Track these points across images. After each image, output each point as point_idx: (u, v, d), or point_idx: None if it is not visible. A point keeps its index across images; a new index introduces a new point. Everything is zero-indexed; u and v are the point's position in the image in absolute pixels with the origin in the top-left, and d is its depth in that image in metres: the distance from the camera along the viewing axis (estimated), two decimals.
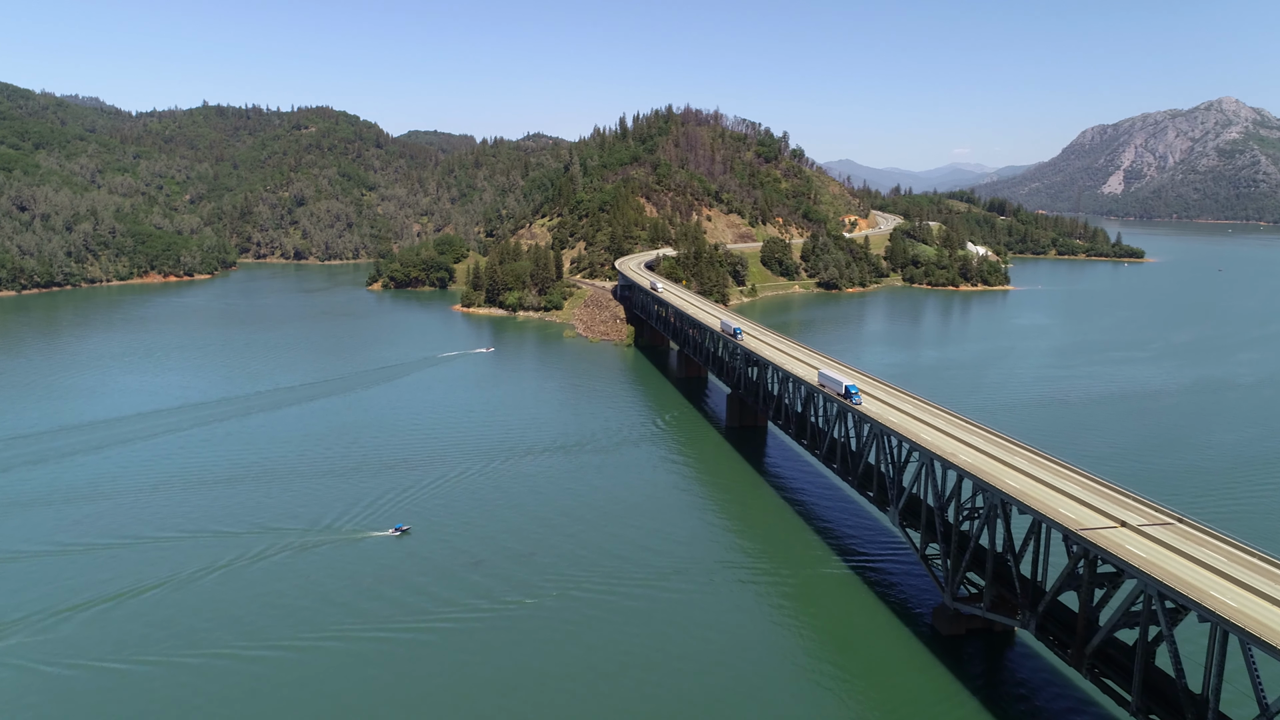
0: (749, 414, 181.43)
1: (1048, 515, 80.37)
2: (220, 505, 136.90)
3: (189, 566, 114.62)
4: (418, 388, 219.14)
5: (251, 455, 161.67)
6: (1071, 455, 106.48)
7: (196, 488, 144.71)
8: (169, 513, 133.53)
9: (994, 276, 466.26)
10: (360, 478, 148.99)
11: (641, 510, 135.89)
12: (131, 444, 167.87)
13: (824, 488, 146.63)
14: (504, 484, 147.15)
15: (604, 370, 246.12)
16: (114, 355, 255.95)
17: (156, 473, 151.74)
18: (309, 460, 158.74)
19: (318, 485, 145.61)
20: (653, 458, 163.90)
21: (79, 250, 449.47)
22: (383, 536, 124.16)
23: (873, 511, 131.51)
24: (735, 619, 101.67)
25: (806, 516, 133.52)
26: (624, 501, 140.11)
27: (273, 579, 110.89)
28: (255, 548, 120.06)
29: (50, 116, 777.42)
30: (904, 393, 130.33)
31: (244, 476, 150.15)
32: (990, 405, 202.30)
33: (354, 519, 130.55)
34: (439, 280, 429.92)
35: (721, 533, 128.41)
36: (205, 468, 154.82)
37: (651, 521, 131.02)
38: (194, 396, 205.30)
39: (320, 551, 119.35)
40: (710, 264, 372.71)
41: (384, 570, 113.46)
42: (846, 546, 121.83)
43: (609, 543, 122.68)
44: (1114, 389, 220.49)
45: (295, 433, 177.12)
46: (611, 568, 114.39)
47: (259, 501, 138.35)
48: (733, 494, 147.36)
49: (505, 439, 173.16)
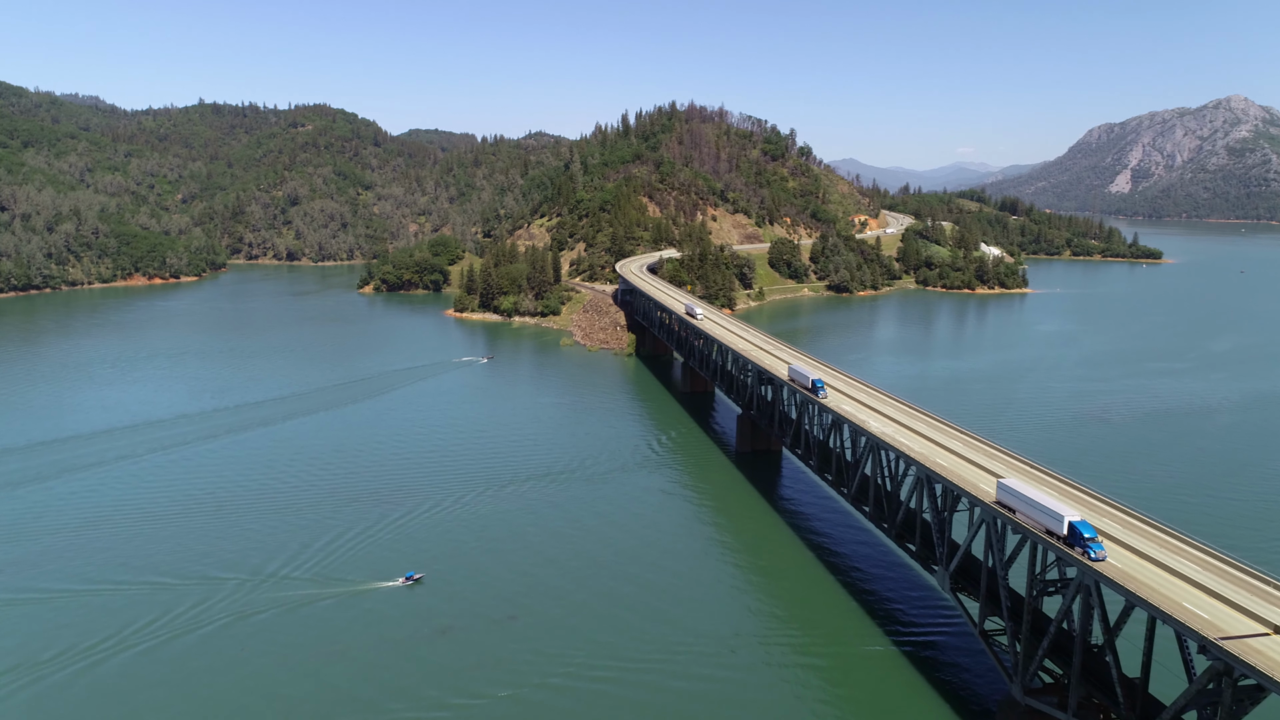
0: (762, 437, 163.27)
1: (1172, 615, 61.78)
2: (167, 547, 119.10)
3: (134, 622, 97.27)
4: (398, 404, 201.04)
5: (204, 485, 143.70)
6: (1131, 489, 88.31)
7: (146, 524, 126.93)
8: (108, 557, 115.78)
9: (1011, 279, 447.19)
10: (316, 513, 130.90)
11: (642, 560, 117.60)
12: (73, 472, 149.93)
13: (853, 529, 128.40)
14: (484, 522, 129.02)
15: (603, 383, 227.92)
16: (77, 365, 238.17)
17: (96, 507, 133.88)
18: (264, 492, 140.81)
19: (260, 523, 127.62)
20: (655, 490, 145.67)
21: (60, 252, 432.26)
22: (358, 590, 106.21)
23: (916, 566, 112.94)
24: (761, 711, 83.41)
25: (836, 569, 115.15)
26: (622, 548, 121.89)
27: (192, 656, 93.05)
28: (187, 601, 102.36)
29: (43, 114, 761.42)
30: (947, 424, 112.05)
31: (194, 510, 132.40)
32: (1024, 424, 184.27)
33: (300, 566, 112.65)
34: (433, 283, 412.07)
35: (738, 592, 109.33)
36: (156, 500, 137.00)
37: (654, 575, 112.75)
38: (155, 412, 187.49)
39: (257, 619, 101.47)
40: (716, 266, 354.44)
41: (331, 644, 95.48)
42: (886, 611, 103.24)
43: (604, 605, 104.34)
44: (1159, 405, 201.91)
45: (256, 459, 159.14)
46: (607, 641, 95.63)
47: (198, 544, 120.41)
48: (747, 539, 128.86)
49: (489, 465, 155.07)
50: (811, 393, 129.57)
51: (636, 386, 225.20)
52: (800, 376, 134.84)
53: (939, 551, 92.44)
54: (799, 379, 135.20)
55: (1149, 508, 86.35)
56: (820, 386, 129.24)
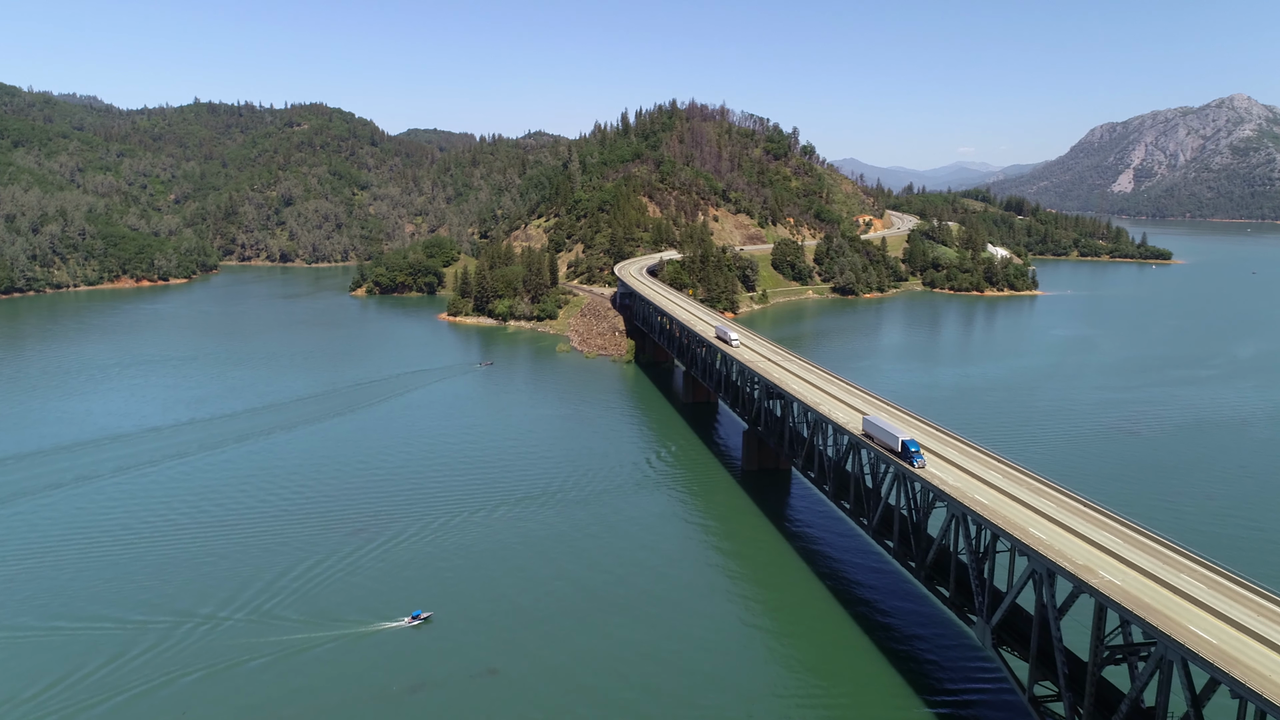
0: (770, 454, 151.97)
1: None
2: (122, 582, 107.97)
3: (70, 674, 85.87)
4: (384, 417, 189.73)
5: (168, 510, 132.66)
6: (1179, 517, 76.99)
7: (98, 556, 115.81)
8: (49, 596, 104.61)
9: (1020, 281, 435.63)
10: (291, 539, 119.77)
11: (637, 608, 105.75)
12: (22, 497, 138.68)
13: (872, 559, 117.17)
14: (475, 551, 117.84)
15: (601, 393, 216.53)
16: (44, 373, 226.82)
17: (43, 536, 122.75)
18: (234, 517, 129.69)
19: (228, 553, 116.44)
20: (653, 515, 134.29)
21: (44, 253, 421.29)
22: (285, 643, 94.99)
23: (949, 612, 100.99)
24: None
25: (854, 608, 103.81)
26: (615, 587, 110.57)
27: None
28: (136, 648, 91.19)
29: (35, 114, 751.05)
30: (986, 453, 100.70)
31: (155, 538, 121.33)
32: (1049, 437, 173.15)
33: (272, 601, 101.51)
34: (427, 285, 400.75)
35: (749, 643, 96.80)
36: (111, 528, 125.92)
37: (651, 627, 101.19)
38: (122, 426, 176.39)
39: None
40: (718, 268, 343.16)
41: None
42: (916, 664, 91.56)
43: (594, 671, 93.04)
44: (1189, 416, 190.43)
45: (229, 479, 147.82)
46: (599, 715, 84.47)
47: (156, 579, 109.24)
48: (757, 572, 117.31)
49: (479, 485, 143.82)
50: (902, 458, 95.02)
51: (636, 396, 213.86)
52: (882, 434, 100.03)
53: (978, 600, 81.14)
54: (881, 437, 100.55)
55: (1211, 545, 75.13)
56: (915, 451, 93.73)
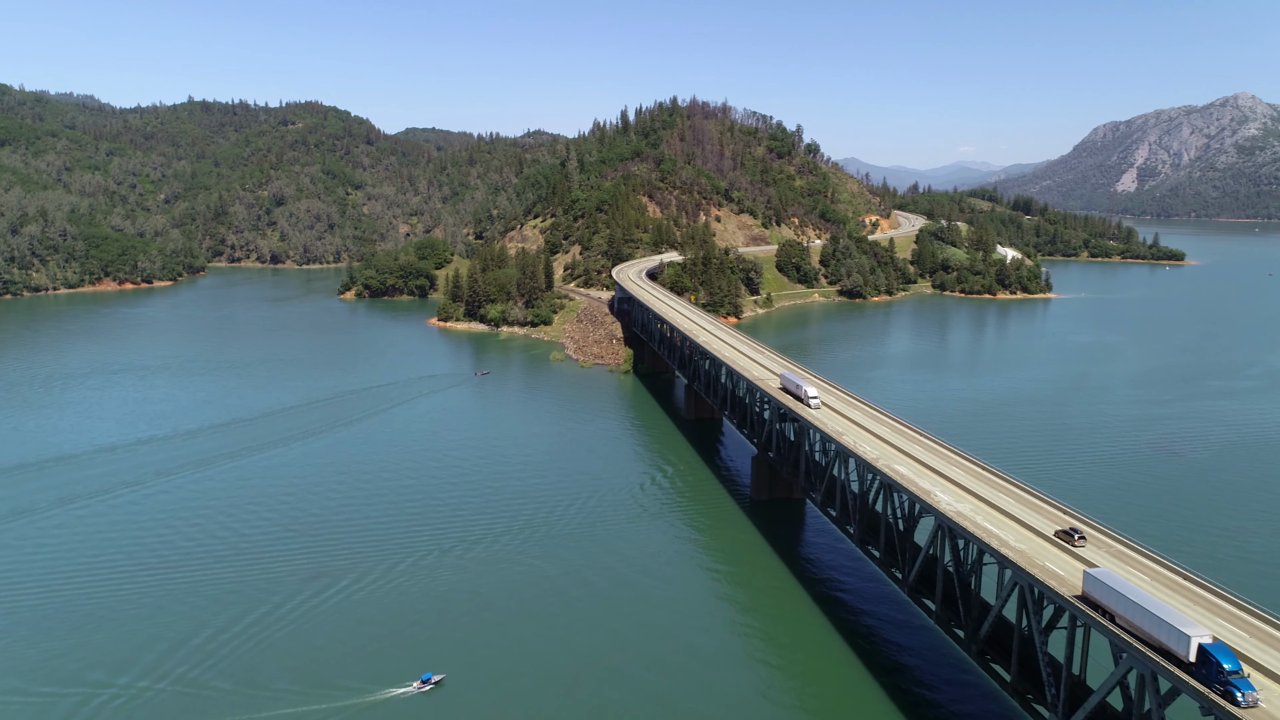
0: (782, 483, 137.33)
1: None
2: (56, 640, 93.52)
3: None
4: (365, 434, 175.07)
5: (115, 549, 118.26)
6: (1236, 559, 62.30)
7: (24, 607, 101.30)
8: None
9: (1034, 283, 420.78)
10: (250, 579, 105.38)
11: (631, 677, 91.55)
12: None
13: (902, 610, 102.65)
14: (438, 597, 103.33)
15: (598, 408, 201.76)
16: (4, 384, 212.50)
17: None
18: (179, 555, 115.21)
19: (176, 598, 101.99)
20: (651, 553, 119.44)
21: (23, 255, 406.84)
22: None
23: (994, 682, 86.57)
24: None
25: (891, 682, 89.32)
26: (608, 648, 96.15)
27: None
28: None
29: (25, 112, 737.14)
30: (1039, 496, 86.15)
31: (101, 583, 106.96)
32: (1086, 456, 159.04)
33: (220, 670, 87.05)
34: (418, 288, 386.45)
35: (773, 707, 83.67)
36: (47, 572, 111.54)
37: (648, 704, 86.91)
38: (73, 445, 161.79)
39: None
40: (721, 271, 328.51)
41: None
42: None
43: None
44: (1235, 434, 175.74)
45: (183, 506, 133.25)
46: None
47: (95, 634, 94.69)
48: (774, 622, 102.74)
49: (464, 514, 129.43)
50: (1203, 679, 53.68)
51: (635, 411, 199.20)
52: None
53: (1050, 691, 66.46)
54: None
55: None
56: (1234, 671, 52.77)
